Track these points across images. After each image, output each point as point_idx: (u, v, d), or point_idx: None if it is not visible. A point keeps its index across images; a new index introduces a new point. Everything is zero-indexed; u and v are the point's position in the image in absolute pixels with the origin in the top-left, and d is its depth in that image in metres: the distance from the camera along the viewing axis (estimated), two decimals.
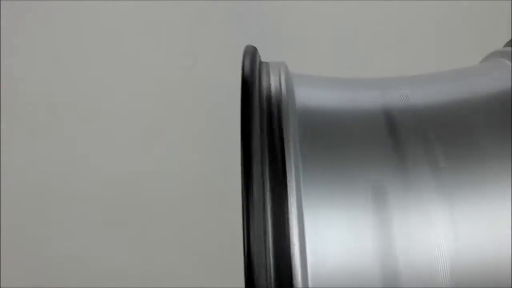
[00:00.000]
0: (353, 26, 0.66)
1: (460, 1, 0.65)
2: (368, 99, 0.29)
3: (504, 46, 0.34)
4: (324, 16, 0.66)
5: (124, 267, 0.70)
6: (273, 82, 0.29)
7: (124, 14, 0.67)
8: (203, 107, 0.68)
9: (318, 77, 0.33)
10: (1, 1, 0.65)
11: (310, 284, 0.23)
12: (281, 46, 0.66)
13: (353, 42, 0.66)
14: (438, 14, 0.66)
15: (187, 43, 0.67)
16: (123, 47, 0.67)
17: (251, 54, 0.30)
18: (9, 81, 0.67)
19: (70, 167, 0.68)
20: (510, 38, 0.65)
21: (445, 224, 0.24)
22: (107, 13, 0.67)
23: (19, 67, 0.67)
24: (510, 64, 0.30)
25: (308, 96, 0.29)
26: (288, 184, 0.24)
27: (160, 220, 0.69)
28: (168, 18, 0.67)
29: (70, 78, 0.67)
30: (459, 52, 0.66)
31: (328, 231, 0.24)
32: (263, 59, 0.32)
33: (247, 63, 0.29)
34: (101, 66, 0.67)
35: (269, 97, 0.28)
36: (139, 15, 0.67)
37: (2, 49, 0.66)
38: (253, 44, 0.31)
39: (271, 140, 0.26)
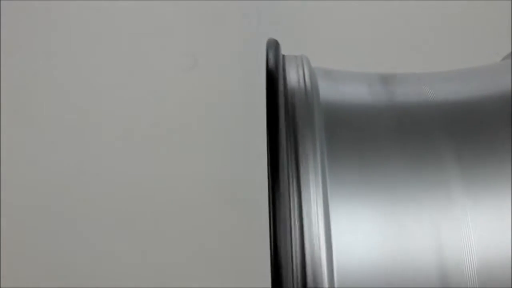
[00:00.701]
0: (353, 24, 0.66)
1: (460, 1, 0.65)
2: (390, 93, 0.29)
3: None
4: (326, 15, 0.66)
5: (126, 268, 0.70)
6: (297, 75, 0.29)
7: (125, 15, 0.67)
8: (207, 107, 0.68)
9: (338, 71, 0.33)
10: (1, 1, 0.65)
11: (336, 284, 0.23)
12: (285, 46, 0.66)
13: (355, 41, 0.66)
14: (438, 14, 0.66)
15: (188, 43, 0.67)
16: (123, 48, 0.67)
17: (274, 47, 0.30)
18: (12, 82, 0.67)
19: (72, 168, 0.68)
20: (510, 38, 0.65)
21: (473, 223, 0.24)
22: (107, 14, 0.67)
23: (19, 67, 0.67)
24: None
25: (332, 89, 0.29)
26: (314, 180, 0.24)
27: (166, 221, 0.69)
28: (169, 18, 0.67)
29: (70, 78, 0.67)
30: (459, 52, 0.66)
31: (355, 230, 0.24)
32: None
33: (271, 56, 0.29)
34: (101, 66, 0.67)
35: (293, 90, 0.28)
36: (139, 16, 0.67)
37: (3, 49, 0.66)
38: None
39: (297, 135, 0.26)
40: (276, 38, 0.31)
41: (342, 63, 0.35)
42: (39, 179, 0.68)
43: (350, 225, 0.24)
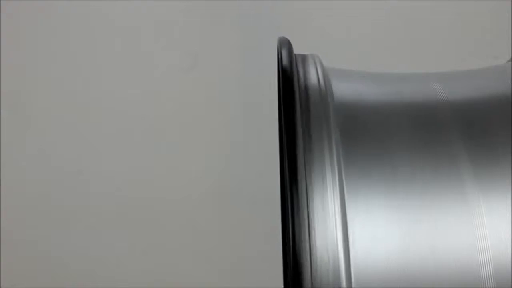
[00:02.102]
0: (353, 24, 0.66)
1: (460, 1, 0.65)
2: (402, 92, 0.29)
3: None
4: (326, 14, 0.66)
5: (126, 268, 0.70)
6: (311, 74, 0.29)
7: (125, 15, 0.67)
8: (207, 106, 0.68)
9: (351, 70, 0.33)
10: (1, 1, 0.65)
11: (354, 284, 0.23)
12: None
13: (355, 40, 0.66)
14: (438, 14, 0.66)
15: (188, 43, 0.67)
16: (123, 48, 0.67)
17: (287, 45, 0.30)
18: (12, 82, 0.67)
19: (72, 168, 0.68)
20: (510, 38, 0.65)
21: (488, 225, 0.24)
22: (107, 14, 0.67)
23: (19, 67, 0.67)
24: None
25: (346, 88, 0.29)
26: (331, 179, 0.24)
27: (166, 220, 0.69)
28: (169, 18, 0.67)
29: (69, 78, 0.67)
30: (459, 52, 0.66)
31: (371, 229, 0.24)
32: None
33: (285, 55, 0.29)
34: (101, 66, 0.67)
35: (308, 89, 0.28)
36: (139, 16, 0.67)
37: (3, 49, 0.66)
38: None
39: (313, 134, 0.26)
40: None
41: (344, 63, 0.35)
42: (39, 179, 0.68)
43: (367, 225, 0.24)
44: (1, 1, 0.65)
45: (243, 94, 0.67)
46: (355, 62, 0.65)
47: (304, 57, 0.31)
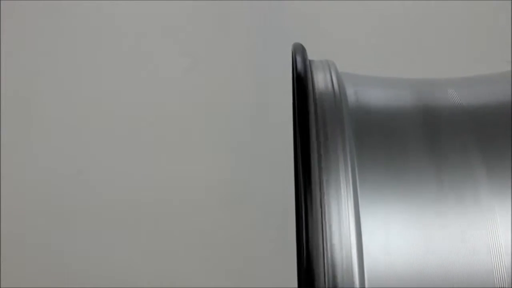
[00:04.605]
0: (357, 26, 0.66)
1: (460, 1, 0.65)
2: (416, 98, 0.30)
3: None
4: (329, 16, 0.66)
5: (126, 269, 0.70)
6: (325, 79, 0.29)
7: (125, 16, 0.67)
8: (207, 106, 0.68)
9: (364, 76, 0.33)
10: (2, 1, 0.65)
11: (367, 284, 0.23)
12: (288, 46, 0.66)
13: (360, 43, 0.66)
14: (438, 14, 0.66)
15: (188, 43, 0.67)
16: (124, 49, 0.67)
17: (301, 51, 0.30)
18: (12, 82, 0.67)
19: (73, 169, 0.68)
20: (510, 38, 0.65)
21: (501, 230, 0.24)
22: (107, 15, 0.67)
23: (20, 68, 0.67)
24: None
25: (360, 94, 0.29)
26: (345, 184, 0.25)
27: (167, 221, 0.69)
28: (169, 18, 0.67)
29: (70, 79, 0.67)
30: (459, 52, 0.66)
31: (384, 232, 0.24)
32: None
33: (299, 61, 0.29)
34: (102, 67, 0.67)
35: (322, 95, 0.28)
36: (139, 17, 0.67)
37: (3, 49, 0.66)
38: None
39: (327, 141, 0.26)
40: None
41: (348, 66, 0.35)
42: (39, 179, 0.68)
43: (379, 228, 0.24)
44: (1, 1, 0.65)
45: (243, 94, 0.67)
46: (366, 66, 0.66)
47: (318, 63, 0.31)
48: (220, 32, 0.67)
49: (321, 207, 0.24)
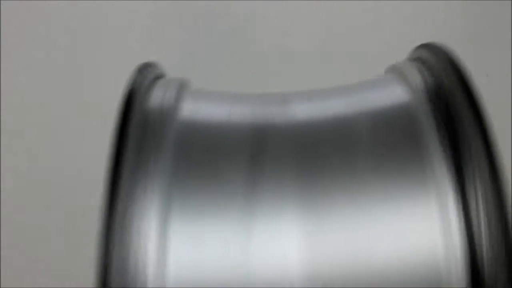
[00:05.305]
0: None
1: (460, 1, 0.65)
2: (249, 115, 0.30)
3: (412, 52, 0.33)
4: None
5: None
6: (159, 97, 0.30)
7: (125, 15, 0.67)
8: None
9: (215, 93, 0.34)
10: (1, 1, 0.65)
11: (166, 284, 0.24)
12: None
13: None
14: (437, 14, 0.66)
15: (188, 43, 0.67)
16: (122, 48, 0.67)
17: (140, 70, 0.32)
18: (12, 80, 0.67)
19: (73, 169, 0.68)
20: (510, 38, 0.65)
21: (299, 236, 0.25)
22: (106, 13, 0.67)
23: (18, 66, 0.67)
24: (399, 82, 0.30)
25: (194, 111, 0.30)
26: (151, 200, 0.25)
27: None
28: (169, 18, 0.67)
29: (70, 78, 0.67)
30: (459, 52, 0.66)
31: (188, 236, 0.25)
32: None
33: (134, 79, 0.31)
34: (100, 66, 0.67)
35: (148, 110, 0.29)
36: (138, 16, 0.67)
37: (3, 49, 0.66)
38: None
39: (142, 153, 0.27)
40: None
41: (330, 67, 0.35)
42: (39, 178, 0.68)
43: (184, 233, 0.25)
44: (1, 1, 0.65)
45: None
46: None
47: (163, 81, 0.32)
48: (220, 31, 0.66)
49: (123, 220, 0.25)
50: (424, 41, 0.37)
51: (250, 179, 0.26)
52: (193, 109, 0.30)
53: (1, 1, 0.65)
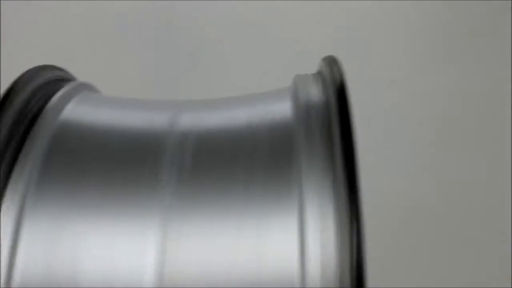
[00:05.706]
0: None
1: (460, 1, 0.65)
2: (131, 118, 0.30)
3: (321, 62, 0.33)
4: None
5: None
6: (40, 100, 0.31)
7: (125, 15, 0.67)
8: None
9: (111, 99, 0.35)
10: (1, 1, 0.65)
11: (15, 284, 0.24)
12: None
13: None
14: (437, 14, 0.66)
15: (187, 43, 0.67)
16: (123, 48, 0.67)
17: (30, 73, 0.33)
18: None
19: None
20: (509, 38, 0.65)
21: (157, 240, 0.25)
22: (106, 14, 0.67)
23: (18, 65, 0.67)
24: (291, 97, 0.30)
25: (81, 113, 0.30)
26: (10, 198, 0.26)
27: None
28: (169, 18, 0.67)
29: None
30: (459, 52, 0.66)
31: (36, 241, 0.25)
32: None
33: (21, 79, 0.32)
34: (100, 67, 0.67)
35: (26, 112, 0.30)
36: (138, 16, 0.67)
37: (3, 48, 0.66)
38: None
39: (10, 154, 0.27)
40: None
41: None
42: None
43: (36, 233, 0.25)
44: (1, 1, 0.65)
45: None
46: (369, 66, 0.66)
47: (62, 84, 0.33)
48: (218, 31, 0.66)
49: None
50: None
51: (116, 180, 0.26)
52: (77, 111, 0.31)
53: (1, 1, 0.65)
